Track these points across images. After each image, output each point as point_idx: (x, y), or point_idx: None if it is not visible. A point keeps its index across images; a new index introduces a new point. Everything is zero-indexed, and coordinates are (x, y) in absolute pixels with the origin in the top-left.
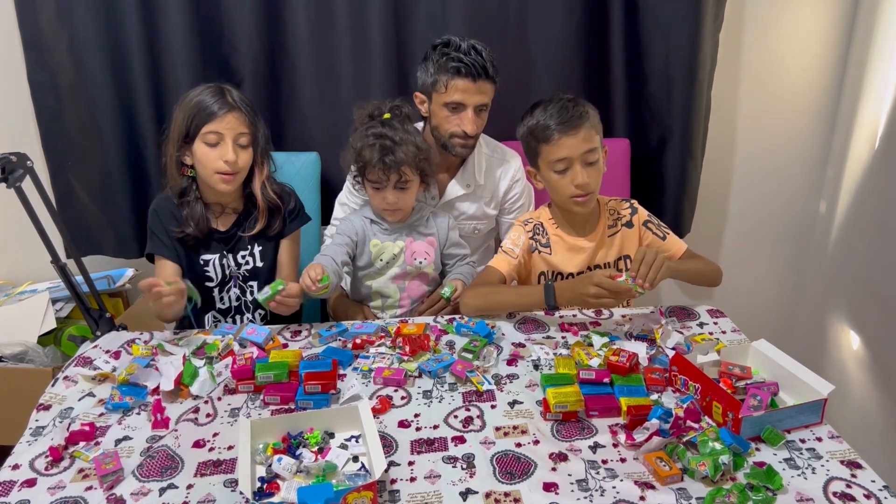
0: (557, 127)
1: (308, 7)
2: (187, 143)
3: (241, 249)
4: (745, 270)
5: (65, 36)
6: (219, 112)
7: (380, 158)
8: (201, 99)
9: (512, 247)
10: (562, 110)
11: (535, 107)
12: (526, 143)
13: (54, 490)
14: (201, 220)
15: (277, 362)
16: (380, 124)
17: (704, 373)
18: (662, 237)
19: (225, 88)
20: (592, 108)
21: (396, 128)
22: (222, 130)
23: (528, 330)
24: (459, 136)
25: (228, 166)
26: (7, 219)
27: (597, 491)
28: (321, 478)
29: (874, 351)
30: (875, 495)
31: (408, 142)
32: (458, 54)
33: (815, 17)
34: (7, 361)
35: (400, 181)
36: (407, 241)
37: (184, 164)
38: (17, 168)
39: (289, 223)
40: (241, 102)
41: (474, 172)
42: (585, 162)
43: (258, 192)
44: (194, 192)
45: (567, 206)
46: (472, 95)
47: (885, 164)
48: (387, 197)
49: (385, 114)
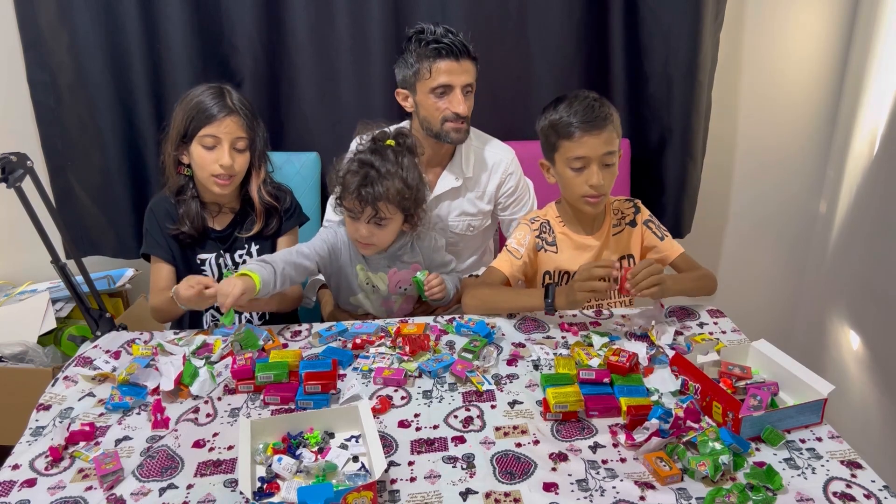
0: (581, 125)
1: (308, 7)
2: (185, 144)
3: (239, 248)
4: (745, 270)
5: (65, 36)
6: (217, 115)
7: (356, 188)
8: (201, 100)
9: (517, 246)
10: (587, 109)
11: (560, 101)
12: (545, 136)
13: (54, 490)
14: (196, 219)
15: (277, 362)
16: (372, 151)
17: (704, 373)
18: (661, 238)
19: (225, 90)
20: (615, 111)
21: (388, 159)
22: (219, 134)
23: (528, 330)
24: (451, 119)
25: (224, 170)
26: (7, 219)
27: (597, 491)
28: (321, 478)
29: (874, 351)
30: (875, 495)
31: (395, 176)
32: (436, 37)
33: (816, 17)
34: (7, 361)
35: (375, 216)
36: (390, 273)
37: (181, 164)
38: (17, 168)
39: (285, 222)
40: (241, 106)
41: (462, 164)
42: (603, 163)
43: (255, 195)
44: (191, 191)
45: (578, 204)
46: (457, 75)
47: (885, 164)
48: (359, 229)
49: (388, 140)
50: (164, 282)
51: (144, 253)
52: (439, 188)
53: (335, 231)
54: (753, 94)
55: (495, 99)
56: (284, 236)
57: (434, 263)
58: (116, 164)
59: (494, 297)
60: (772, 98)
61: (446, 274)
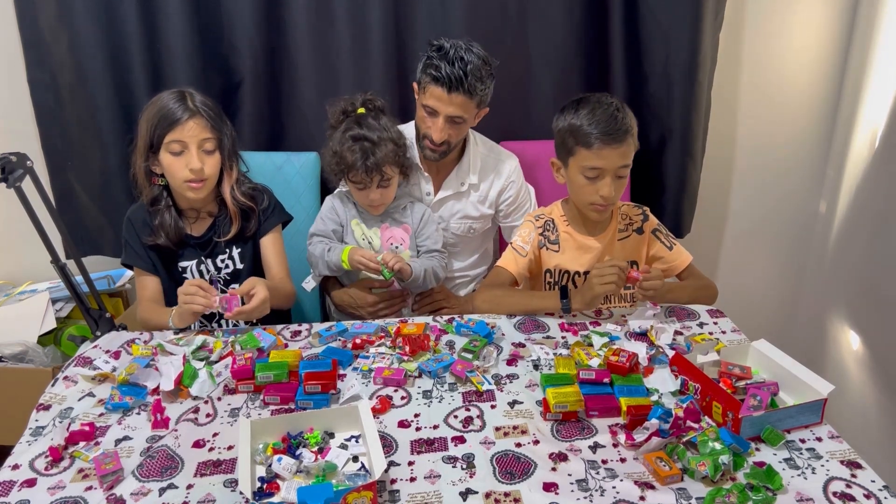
0: (602, 136)
1: (308, 7)
2: (153, 153)
3: (220, 253)
4: (745, 270)
5: (65, 36)
6: (180, 119)
7: (363, 162)
8: (161, 107)
9: (522, 244)
10: (610, 119)
11: (582, 104)
12: (562, 138)
13: (54, 490)
14: (172, 230)
15: (277, 362)
16: (356, 123)
17: (704, 373)
18: (669, 247)
19: (187, 93)
20: (634, 119)
21: (372, 125)
22: (185, 138)
23: (528, 330)
24: (429, 138)
25: (194, 174)
26: (7, 219)
27: (597, 491)
28: (321, 478)
29: (874, 351)
30: (875, 495)
31: (385, 139)
32: (441, 62)
33: (816, 16)
34: (7, 361)
35: (383, 180)
36: (382, 227)
37: (154, 174)
38: (17, 168)
39: (264, 222)
40: (203, 107)
41: (469, 172)
42: (616, 175)
43: (228, 196)
44: (166, 200)
45: (584, 209)
46: (444, 105)
47: (885, 164)
48: (370, 195)
49: (359, 108)
50: (149, 292)
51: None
52: (444, 191)
53: (333, 205)
54: (753, 94)
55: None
56: (267, 236)
57: (422, 234)
58: (116, 164)
59: (507, 299)
60: (771, 97)
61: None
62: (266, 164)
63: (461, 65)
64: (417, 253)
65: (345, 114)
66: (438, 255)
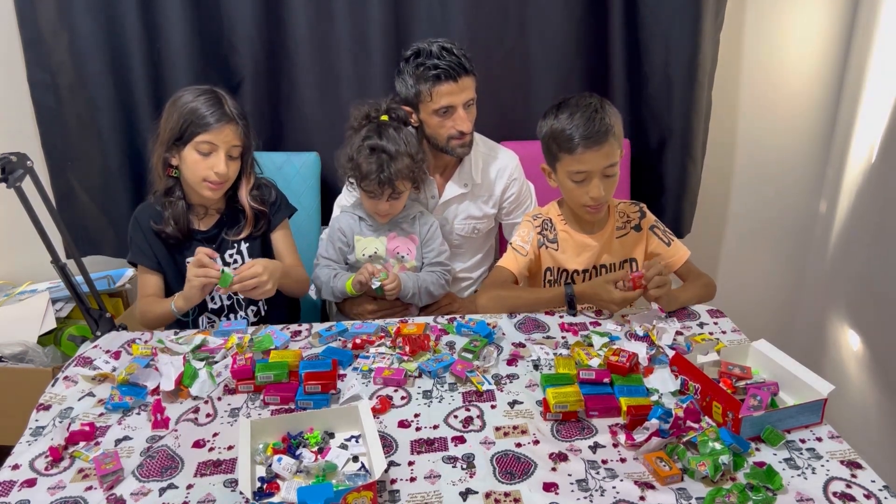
0: (582, 140)
1: (308, 7)
2: (177, 146)
3: (228, 248)
4: (745, 270)
5: (65, 36)
6: (215, 124)
7: (377, 175)
8: (197, 106)
9: (522, 244)
10: (588, 122)
11: (561, 108)
12: (546, 144)
13: (54, 490)
14: (181, 220)
15: (277, 362)
16: (376, 132)
17: (704, 373)
18: (667, 243)
19: (221, 97)
20: (616, 116)
21: (392, 137)
22: (217, 142)
23: (528, 330)
24: (456, 136)
25: (218, 178)
26: (7, 219)
27: (597, 491)
28: (321, 478)
29: (874, 351)
30: (875, 495)
31: (403, 154)
32: (433, 61)
33: (816, 17)
34: (7, 361)
35: (394, 193)
36: (389, 236)
37: (169, 165)
38: (17, 168)
39: (273, 217)
40: (237, 113)
41: (471, 171)
42: (604, 175)
43: (245, 201)
44: (178, 192)
45: (579, 211)
46: (457, 95)
47: (885, 164)
48: (379, 205)
49: (382, 115)
50: (151, 289)
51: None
52: (447, 194)
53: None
54: (753, 95)
55: (496, 99)
56: (277, 232)
57: (428, 246)
58: (116, 163)
59: (512, 300)
60: (772, 98)
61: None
62: (266, 164)
63: (447, 53)
64: (422, 264)
65: (368, 118)
66: (441, 268)
